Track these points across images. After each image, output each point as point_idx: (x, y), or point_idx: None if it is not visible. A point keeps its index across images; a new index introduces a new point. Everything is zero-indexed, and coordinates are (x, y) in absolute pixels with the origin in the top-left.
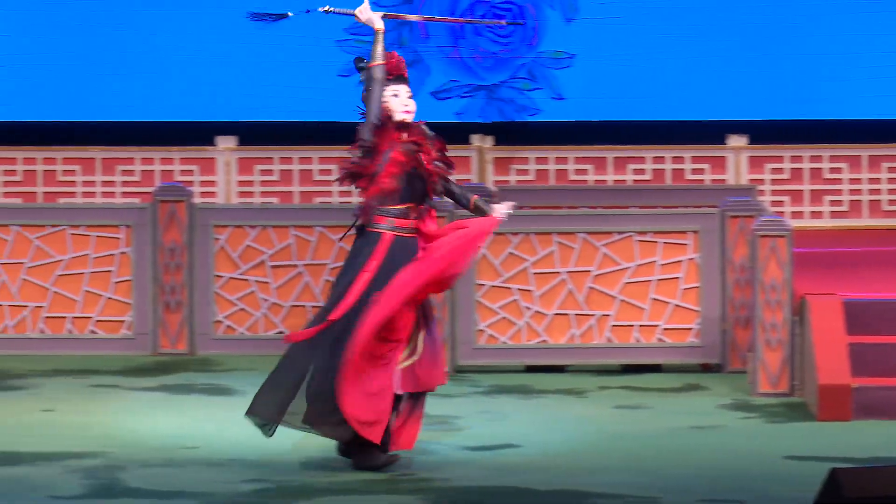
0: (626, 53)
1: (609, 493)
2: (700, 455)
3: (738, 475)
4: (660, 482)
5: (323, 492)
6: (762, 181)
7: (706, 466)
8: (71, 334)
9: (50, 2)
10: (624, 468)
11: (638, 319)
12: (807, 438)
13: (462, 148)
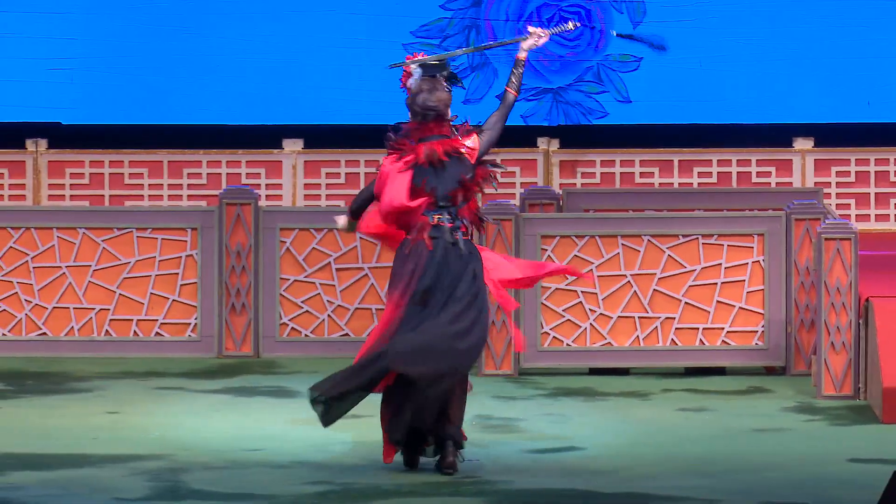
0: (692, 57)
1: (672, 496)
2: (763, 458)
3: (802, 478)
4: (723, 485)
5: (387, 494)
6: (828, 184)
7: (769, 469)
8: (136, 337)
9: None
10: (687, 471)
11: (702, 322)
12: (871, 441)
13: (528, 151)
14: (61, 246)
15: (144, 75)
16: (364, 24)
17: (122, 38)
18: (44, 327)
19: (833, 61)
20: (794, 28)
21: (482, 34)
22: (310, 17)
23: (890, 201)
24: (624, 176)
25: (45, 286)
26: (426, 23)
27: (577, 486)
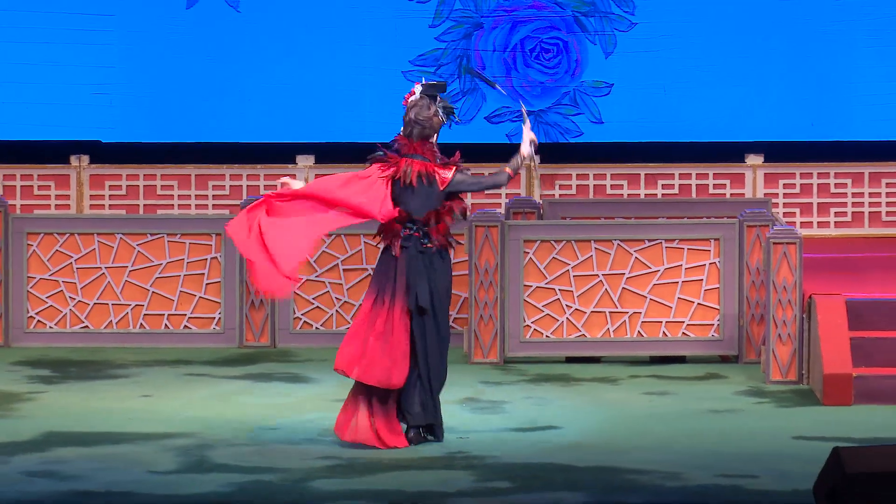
0: (658, 83)
1: (639, 469)
2: (718, 436)
3: (752, 453)
4: (683, 459)
5: (387, 467)
6: (776, 195)
7: (724, 445)
8: (167, 329)
9: (149, 41)
10: (652, 447)
11: (665, 316)
12: (813, 421)
13: None
14: (101, 249)
15: (174, 99)
16: (370, 53)
17: (154, 67)
18: (86, 321)
19: (781, 87)
20: (747, 58)
21: (472, 63)
22: (322, 47)
23: (830, 210)
24: (597, 188)
25: (86, 285)
26: (423, 52)
27: (556, 461)
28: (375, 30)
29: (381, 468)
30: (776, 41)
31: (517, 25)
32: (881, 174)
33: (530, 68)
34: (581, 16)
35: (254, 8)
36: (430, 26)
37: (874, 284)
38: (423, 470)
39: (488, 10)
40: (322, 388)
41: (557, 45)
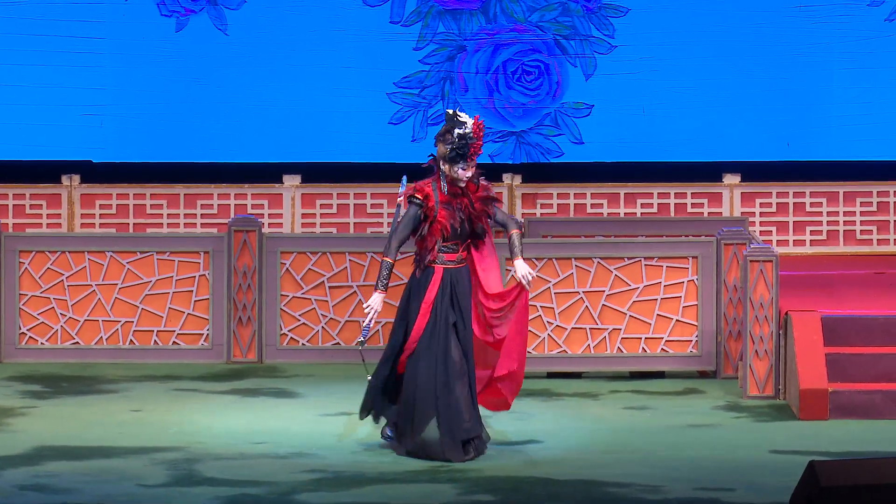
0: (637, 104)
1: (620, 482)
2: (697, 449)
3: (730, 467)
4: (663, 473)
5: (372, 480)
6: (753, 213)
7: (702, 459)
8: (157, 345)
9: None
10: (632, 460)
11: (644, 332)
12: (789, 435)
13: (495, 185)
14: (92, 267)
15: (164, 120)
16: (354, 76)
17: (145, 88)
18: (77, 337)
19: (757, 108)
20: (725, 78)
21: (455, 85)
22: (308, 69)
23: (806, 228)
24: (577, 207)
25: (77, 301)
26: (407, 75)
27: (538, 474)
28: (360, 52)
29: (366, 481)
30: (753, 63)
31: (499, 48)
32: (855, 193)
33: (512, 90)
34: (562, 39)
35: (242, 31)
36: (414, 49)
37: (849, 301)
38: (408, 483)
39: (471, 34)
40: (308, 402)
41: (539, 67)
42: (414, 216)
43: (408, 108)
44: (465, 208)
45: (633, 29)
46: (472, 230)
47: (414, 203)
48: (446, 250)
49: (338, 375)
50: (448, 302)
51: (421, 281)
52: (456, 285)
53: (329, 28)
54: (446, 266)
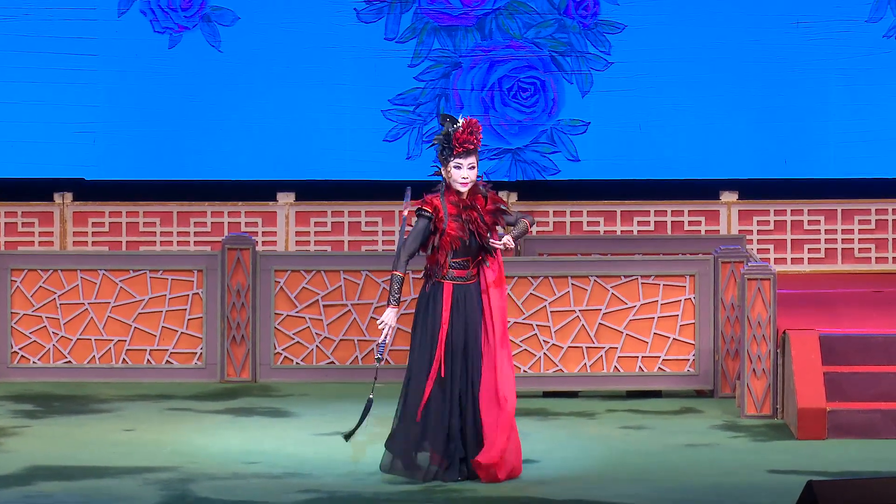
0: (634, 121)
1: (616, 502)
2: (694, 469)
3: (727, 487)
4: (660, 493)
5: (368, 500)
6: (750, 231)
7: (700, 479)
8: (150, 364)
9: (132, 80)
10: (629, 480)
11: (641, 351)
12: (787, 455)
13: None
14: (84, 285)
15: (157, 137)
16: (349, 93)
17: (137, 106)
18: (69, 356)
19: (755, 125)
20: (722, 96)
21: (450, 102)
22: (302, 86)
23: (804, 246)
24: (573, 224)
25: (70, 320)
26: (402, 92)
27: (534, 494)
28: (355, 69)
29: (361, 501)
30: (750, 80)
31: (495, 65)
32: (853, 211)
33: (508, 107)
34: (558, 55)
35: (235, 48)
36: (409, 66)
37: (847, 320)
38: (404, 503)
39: (466, 50)
40: (302, 422)
41: (535, 84)
42: (423, 229)
43: (403, 126)
44: (475, 222)
45: (629, 45)
46: (481, 244)
47: (423, 216)
48: (456, 266)
49: (332, 395)
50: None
51: (430, 296)
52: (465, 304)
53: (323, 45)
54: (456, 282)
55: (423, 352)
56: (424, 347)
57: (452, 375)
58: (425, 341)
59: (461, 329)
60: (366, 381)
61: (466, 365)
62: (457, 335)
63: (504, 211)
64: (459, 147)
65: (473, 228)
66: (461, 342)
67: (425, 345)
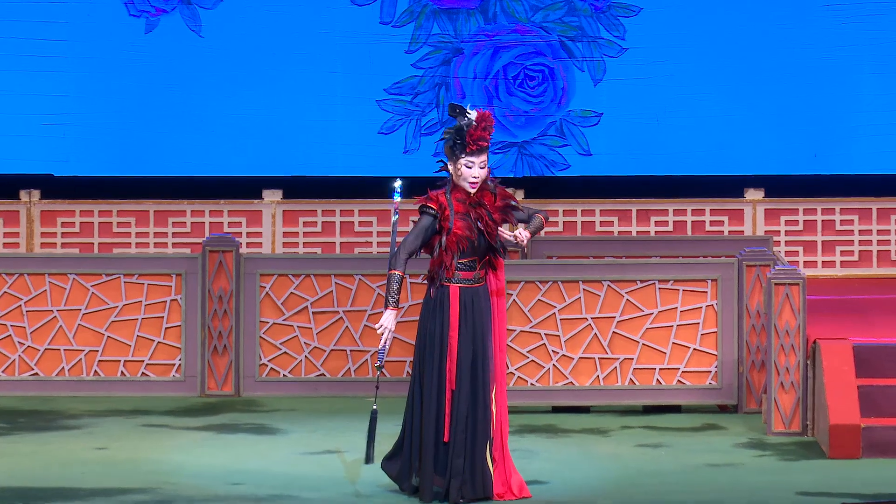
0: (650, 112)
1: None
2: (716, 491)
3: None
4: None
5: None
6: (777, 232)
7: (722, 502)
8: (124, 377)
9: (105, 67)
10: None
11: (659, 363)
12: (818, 476)
13: None
14: (53, 291)
15: (132, 130)
16: (341, 82)
17: (111, 95)
18: (36, 368)
19: (782, 117)
20: (746, 85)
21: (451, 91)
22: (290, 74)
23: (836, 248)
24: (585, 225)
25: (37, 329)
26: (398, 80)
27: None
28: (347, 56)
29: None
30: (777, 69)
31: (499, 51)
32: (890, 210)
33: (514, 97)
34: (568, 41)
35: (217, 33)
36: (407, 52)
37: (883, 328)
38: None
39: (468, 35)
40: (290, 439)
41: (543, 71)
42: (427, 227)
43: (399, 117)
44: (483, 219)
45: (645, 30)
46: (489, 245)
47: (428, 213)
48: (463, 268)
49: (323, 410)
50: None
51: (436, 302)
52: (473, 308)
53: (313, 29)
54: (462, 285)
55: (432, 364)
56: (434, 359)
57: (460, 390)
58: (434, 352)
59: (469, 337)
60: (359, 395)
61: (474, 378)
62: (464, 344)
63: (515, 207)
64: (473, 144)
65: (482, 227)
66: (469, 352)
67: (434, 356)
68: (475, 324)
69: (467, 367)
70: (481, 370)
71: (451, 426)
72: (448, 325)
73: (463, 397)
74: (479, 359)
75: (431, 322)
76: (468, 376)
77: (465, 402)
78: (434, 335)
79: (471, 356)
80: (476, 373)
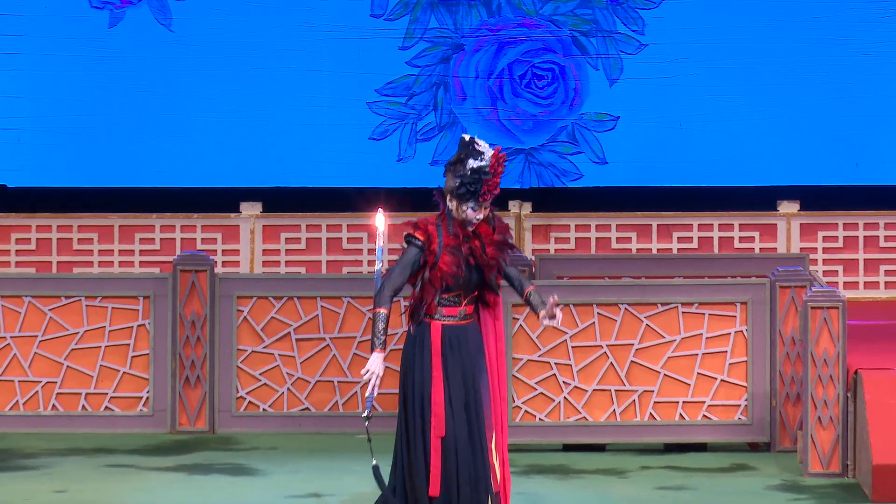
0: (672, 115)
1: None
2: None
3: None
4: None
5: None
6: (814, 249)
7: None
8: (85, 411)
9: (65, 65)
10: None
11: (682, 395)
12: None
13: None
14: (6, 315)
15: (94, 135)
16: (327, 81)
17: (71, 96)
18: None
19: (820, 119)
20: (779, 86)
21: (451, 92)
22: (270, 73)
23: (879, 268)
24: (600, 241)
25: None
26: (392, 80)
27: None
28: (335, 52)
29: None
30: (814, 67)
31: (504, 47)
32: None
33: (520, 98)
34: (581, 35)
35: (189, 27)
36: (401, 48)
37: None
38: None
39: (470, 29)
40: (270, 482)
41: (553, 70)
42: (413, 260)
43: (393, 121)
44: (476, 252)
45: (667, 24)
46: (481, 280)
47: (414, 245)
48: (446, 303)
49: (307, 449)
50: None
51: (416, 340)
52: (461, 348)
53: (296, 22)
54: (445, 323)
55: (414, 409)
56: (416, 403)
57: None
58: (416, 396)
59: (458, 380)
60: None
61: (469, 426)
62: (453, 388)
63: (511, 245)
64: (488, 194)
65: (475, 262)
66: (460, 396)
67: (416, 400)
68: (464, 365)
69: (459, 413)
70: (475, 417)
71: (442, 479)
72: (430, 366)
73: (458, 447)
74: (472, 404)
75: (412, 362)
76: (462, 423)
77: (462, 453)
78: (415, 377)
79: (462, 401)
80: (470, 420)
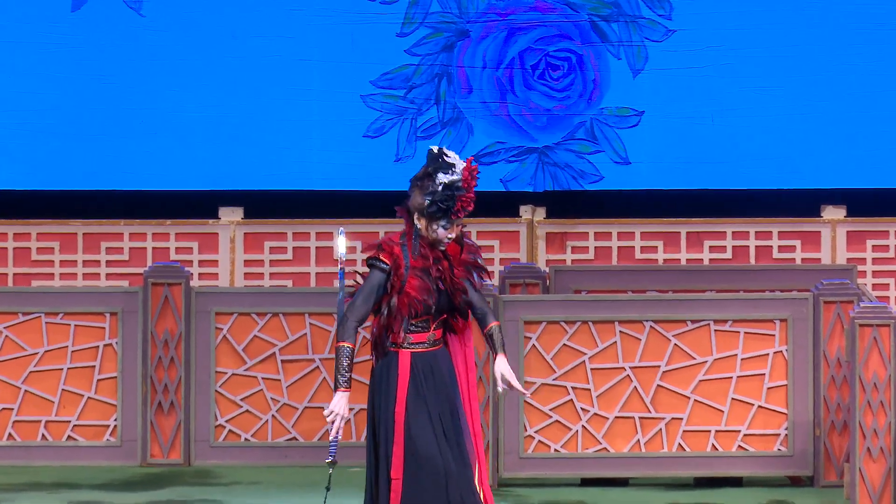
0: (703, 110)
1: None
2: None
3: None
4: None
5: None
6: (863, 260)
7: None
8: (46, 441)
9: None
10: None
11: (715, 424)
12: None
13: (509, 221)
14: None
15: (55, 133)
16: (316, 72)
17: (28, 89)
18: None
19: (868, 116)
20: (824, 77)
21: (454, 84)
22: (253, 63)
23: None
24: (622, 250)
25: None
26: (388, 70)
27: None
28: (325, 40)
29: None
30: (860, 57)
31: (515, 34)
32: None
33: (533, 91)
34: (601, 21)
35: (162, 11)
36: (399, 35)
37: None
38: None
39: (476, 14)
40: None
41: (569, 59)
42: (378, 286)
43: (390, 116)
44: (445, 274)
45: (697, 7)
46: (449, 304)
47: (378, 268)
48: (414, 329)
49: (292, 483)
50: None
51: (381, 372)
52: (434, 377)
53: (282, 6)
54: (414, 350)
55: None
56: (383, 443)
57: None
58: (381, 435)
59: (436, 412)
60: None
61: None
62: (423, 423)
63: (480, 267)
64: (462, 212)
65: (443, 284)
66: (437, 430)
67: (381, 439)
68: (438, 395)
69: (434, 450)
70: (457, 448)
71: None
72: (394, 401)
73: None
74: (452, 438)
75: (377, 397)
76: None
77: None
78: (380, 415)
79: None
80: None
